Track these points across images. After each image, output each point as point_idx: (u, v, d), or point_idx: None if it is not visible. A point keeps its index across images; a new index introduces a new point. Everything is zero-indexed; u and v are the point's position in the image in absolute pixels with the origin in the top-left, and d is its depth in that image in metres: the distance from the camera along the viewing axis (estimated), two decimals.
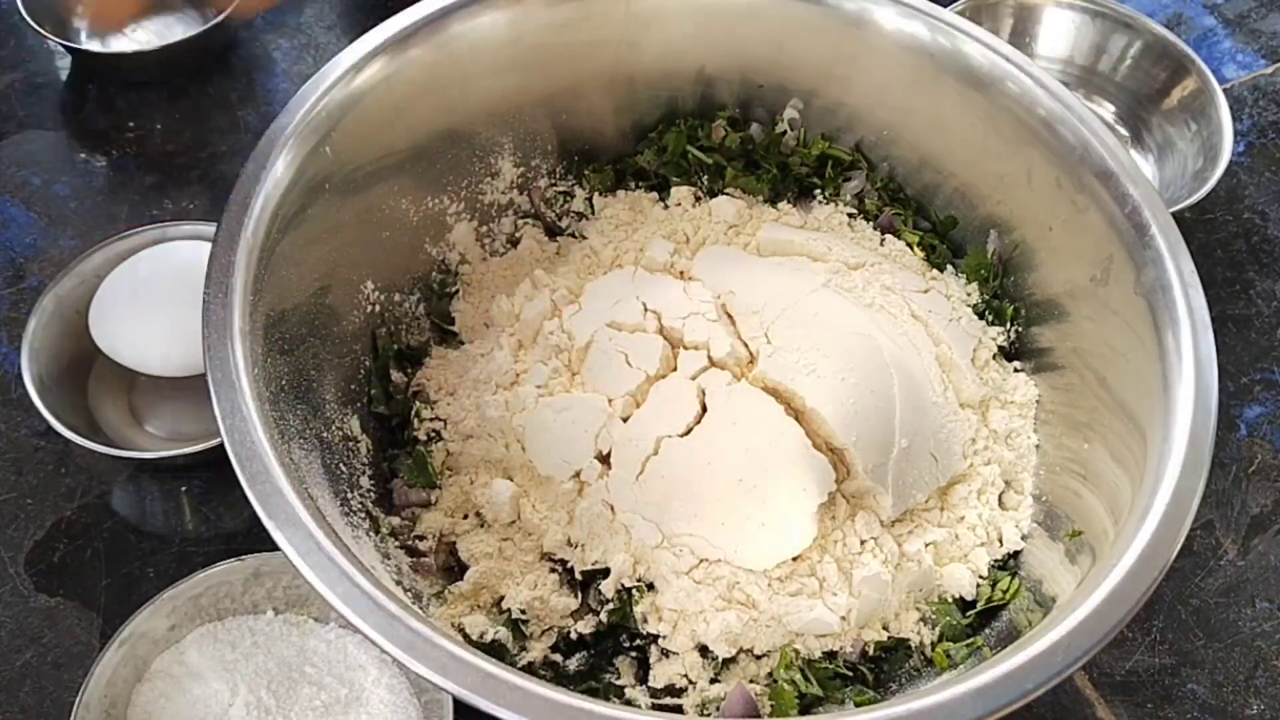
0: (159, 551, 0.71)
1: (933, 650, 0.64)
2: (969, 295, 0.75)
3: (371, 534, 0.63)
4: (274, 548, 0.51)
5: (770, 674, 0.62)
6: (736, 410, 0.65)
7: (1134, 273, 0.64)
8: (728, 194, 0.79)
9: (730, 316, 0.70)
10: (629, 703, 0.62)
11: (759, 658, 0.63)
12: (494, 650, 0.61)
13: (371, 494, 0.66)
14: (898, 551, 0.65)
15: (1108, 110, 0.94)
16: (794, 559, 0.63)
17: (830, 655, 0.63)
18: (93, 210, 0.86)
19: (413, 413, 0.70)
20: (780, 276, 0.72)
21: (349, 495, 0.64)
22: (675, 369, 0.68)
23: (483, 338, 0.73)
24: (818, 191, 0.80)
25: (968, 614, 0.65)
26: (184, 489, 0.73)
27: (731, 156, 0.80)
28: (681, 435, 0.65)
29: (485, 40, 0.72)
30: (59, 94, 0.92)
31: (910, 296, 0.73)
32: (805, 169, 0.80)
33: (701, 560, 0.63)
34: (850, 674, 0.63)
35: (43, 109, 0.91)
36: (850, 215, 0.79)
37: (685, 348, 0.69)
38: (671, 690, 0.62)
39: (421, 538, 0.66)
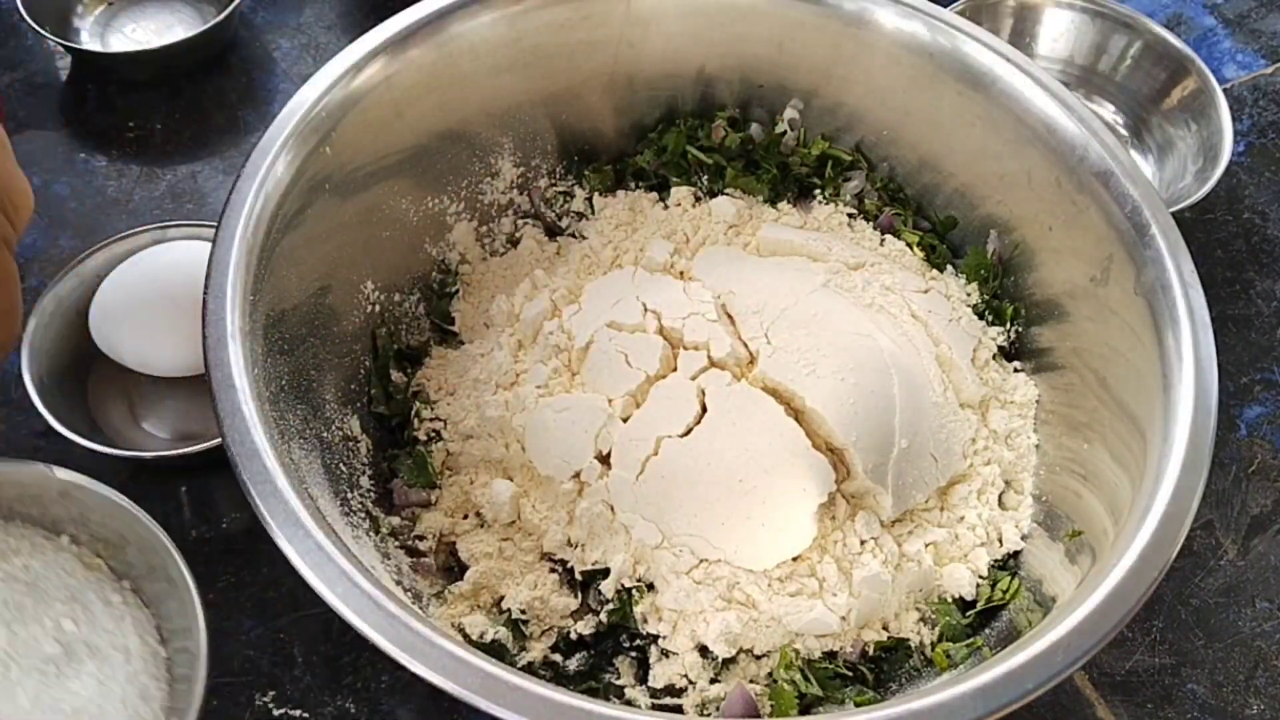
0: None
1: (933, 650, 0.64)
2: (969, 295, 0.75)
3: (371, 534, 0.63)
4: (274, 547, 0.51)
5: (770, 674, 0.62)
6: (736, 410, 0.65)
7: (1134, 273, 0.64)
8: (727, 194, 0.79)
9: (730, 316, 0.70)
10: (629, 703, 0.62)
11: (759, 658, 0.63)
12: (494, 650, 0.61)
13: (371, 494, 0.66)
14: (898, 552, 0.65)
15: (1108, 110, 0.94)
16: (794, 559, 0.63)
17: (830, 655, 0.63)
18: (93, 210, 0.86)
19: (413, 413, 0.70)
20: (780, 276, 0.72)
21: (349, 495, 0.64)
22: (675, 369, 0.68)
23: (483, 338, 0.73)
24: (818, 191, 0.80)
25: (968, 614, 0.65)
26: (184, 489, 0.73)
27: (731, 156, 0.80)
28: (681, 435, 0.65)
29: (485, 40, 0.72)
30: (59, 94, 0.92)
31: (910, 296, 0.73)
32: (805, 169, 0.80)
33: (701, 560, 0.63)
34: (850, 674, 0.63)
35: (43, 109, 0.91)
36: (850, 215, 0.79)
37: (685, 348, 0.69)
38: (671, 690, 0.62)
39: (421, 538, 0.66)
